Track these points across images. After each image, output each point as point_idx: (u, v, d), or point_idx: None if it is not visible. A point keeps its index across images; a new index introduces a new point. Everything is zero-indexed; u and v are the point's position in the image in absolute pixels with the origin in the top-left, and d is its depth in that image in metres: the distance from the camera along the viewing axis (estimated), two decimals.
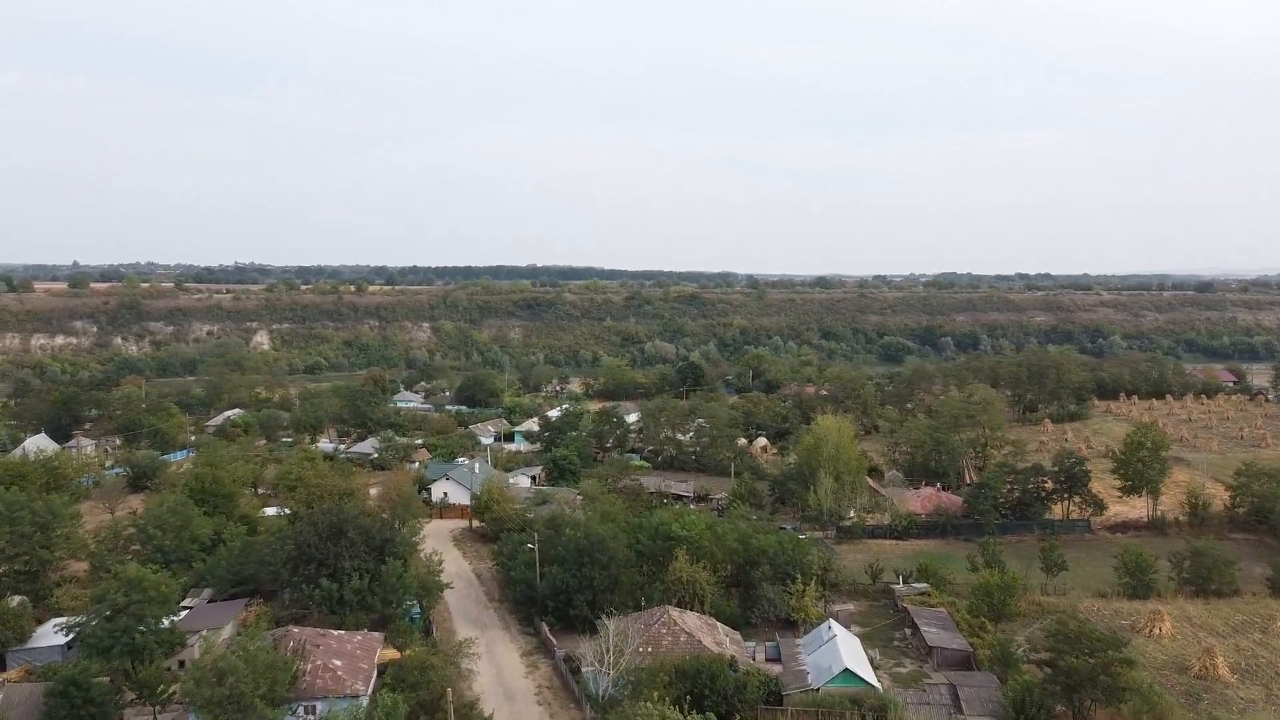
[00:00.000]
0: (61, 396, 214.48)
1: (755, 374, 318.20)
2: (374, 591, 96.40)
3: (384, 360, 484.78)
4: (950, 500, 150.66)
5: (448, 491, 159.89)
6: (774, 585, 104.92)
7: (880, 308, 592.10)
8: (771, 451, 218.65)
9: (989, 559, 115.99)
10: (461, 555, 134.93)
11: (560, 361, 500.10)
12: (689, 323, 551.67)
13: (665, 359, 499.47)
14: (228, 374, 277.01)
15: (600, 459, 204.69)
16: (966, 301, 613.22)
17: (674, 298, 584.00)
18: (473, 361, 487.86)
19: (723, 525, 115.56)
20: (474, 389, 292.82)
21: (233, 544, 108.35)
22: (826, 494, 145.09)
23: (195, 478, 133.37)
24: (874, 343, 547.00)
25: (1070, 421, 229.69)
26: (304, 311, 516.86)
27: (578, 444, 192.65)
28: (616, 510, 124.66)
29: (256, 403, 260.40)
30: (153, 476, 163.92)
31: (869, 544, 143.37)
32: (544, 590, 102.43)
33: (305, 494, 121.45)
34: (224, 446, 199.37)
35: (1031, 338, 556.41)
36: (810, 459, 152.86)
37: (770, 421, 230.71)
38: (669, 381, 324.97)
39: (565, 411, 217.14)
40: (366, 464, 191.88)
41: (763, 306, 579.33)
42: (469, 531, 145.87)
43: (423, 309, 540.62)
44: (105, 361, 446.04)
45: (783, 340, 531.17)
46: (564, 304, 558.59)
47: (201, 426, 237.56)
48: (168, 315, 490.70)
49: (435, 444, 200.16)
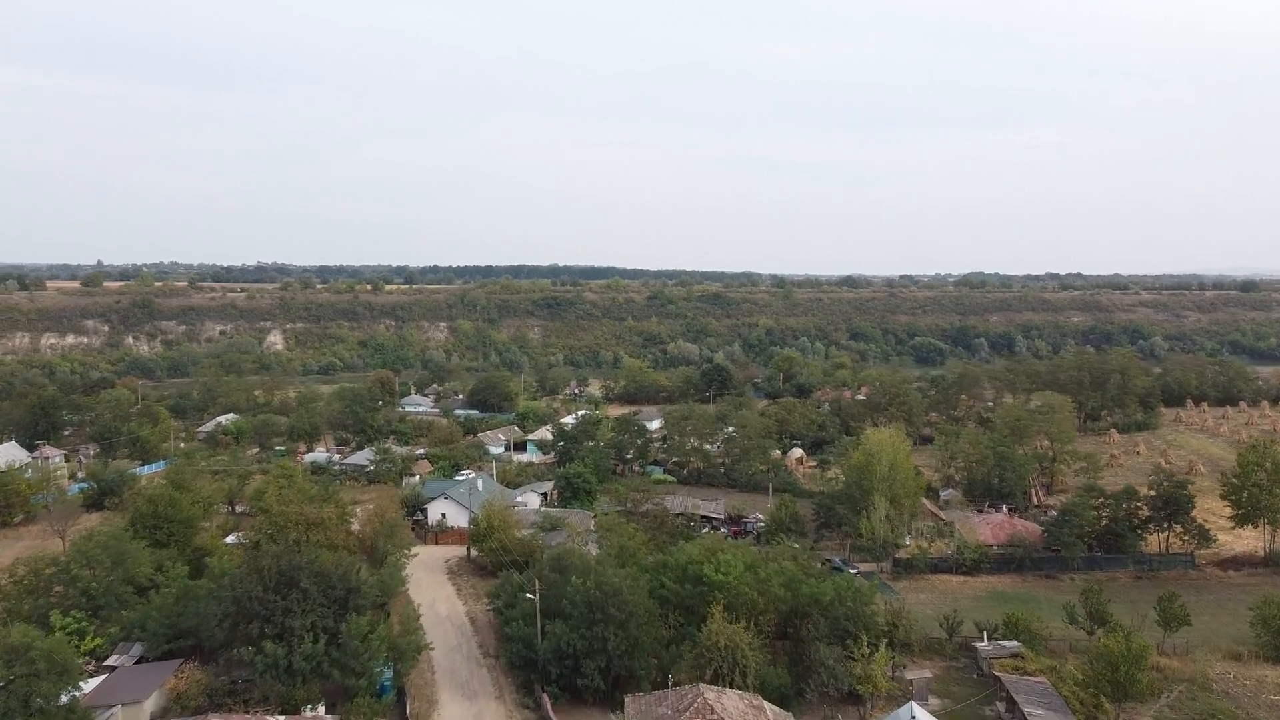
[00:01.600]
0: (38, 400, 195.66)
1: (786, 377, 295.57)
2: (332, 657, 75.63)
3: (400, 361, 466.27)
4: (1026, 529, 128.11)
5: (446, 513, 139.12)
6: (831, 646, 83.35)
7: (910, 307, 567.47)
8: (808, 464, 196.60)
9: (1093, 609, 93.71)
10: (456, 592, 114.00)
11: (580, 362, 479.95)
12: (713, 323, 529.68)
13: (688, 360, 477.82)
14: (223, 376, 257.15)
15: (619, 472, 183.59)
16: (1000, 301, 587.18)
17: (697, 297, 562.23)
18: (490, 362, 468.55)
19: (765, 566, 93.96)
20: (486, 392, 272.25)
21: (167, 589, 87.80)
22: (881, 521, 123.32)
23: (148, 500, 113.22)
24: (905, 343, 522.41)
25: (1138, 432, 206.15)
26: (319, 311, 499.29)
27: (595, 456, 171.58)
28: (636, 544, 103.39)
29: (255, 406, 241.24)
30: (118, 493, 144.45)
31: (932, 580, 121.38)
32: (546, 653, 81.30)
33: (267, 524, 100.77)
34: (207, 455, 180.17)
35: (1069, 338, 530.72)
36: (861, 478, 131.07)
37: (806, 430, 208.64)
38: (693, 385, 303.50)
39: (581, 419, 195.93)
40: (361, 477, 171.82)
41: (789, 306, 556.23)
42: (467, 562, 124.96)
43: (440, 308, 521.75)
44: (115, 361, 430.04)
45: (810, 341, 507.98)
46: (584, 303, 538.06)
47: (192, 433, 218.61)
48: (180, 314, 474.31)
49: (437, 455, 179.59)
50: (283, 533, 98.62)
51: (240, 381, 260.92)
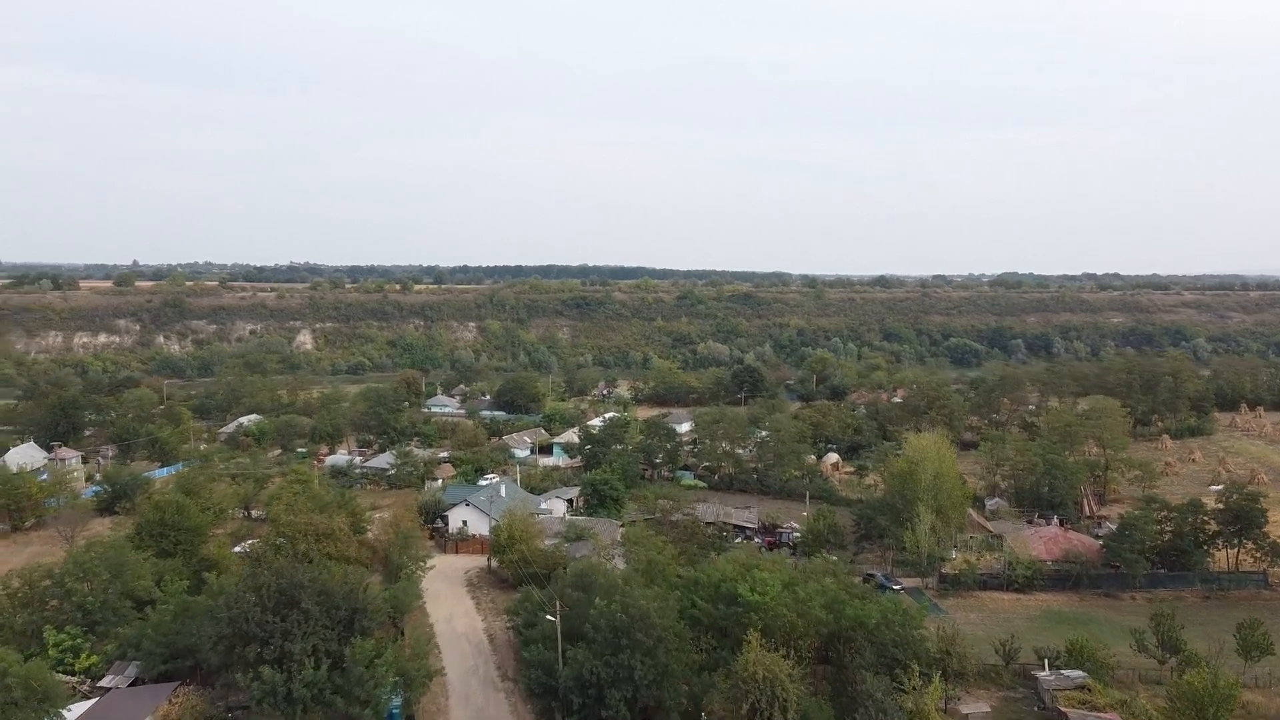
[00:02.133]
0: (58, 400, 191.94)
1: (820, 379, 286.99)
2: (335, 684, 69.24)
3: (428, 360, 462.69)
4: (1083, 543, 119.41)
5: (467, 520, 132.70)
6: (879, 676, 75.76)
7: (945, 307, 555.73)
8: (844, 469, 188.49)
9: (1165, 636, 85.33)
10: (475, 606, 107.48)
11: (609, 362, 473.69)
12: (743, 323, 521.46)
13: (718, 361, 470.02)
14: (247, 376, 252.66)
15: (648, 477, 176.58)
16: (1037, 301, 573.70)
17: (727, 297, 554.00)
18: (519, 362, 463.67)
19: (804, 585, 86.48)
20: (513, 393, 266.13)
21: (164, 606, 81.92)
22: (925, 533, 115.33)
23: (154, 506, 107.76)
24: (939, 344, 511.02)
25: (1192, 437, 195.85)
26: (348, 310, 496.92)
27: (622, 461, 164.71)
28: (666, 559, 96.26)
29: (279, 407, 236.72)
30: (131, 497, 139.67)
31: (982, 598, 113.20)
32: (567, 680, 74.42)
33: (274, 535, 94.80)
34: (227, 457, 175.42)
35: (1108, 340, 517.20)
36: (903, 487, 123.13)
37: (841, 434, 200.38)
38: (724, 386, 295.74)
39: (609, 421, 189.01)
40: (382, 481, 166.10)
41: (821, 306, 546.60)
42: (487, 573, 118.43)
43: (469, 308, 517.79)
44: (146, 360, 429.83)
45: (842, 342, 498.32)
46: (613, 303, 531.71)
47: (215, 434, 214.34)
48: (211, 314, 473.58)
49: (460, 459, 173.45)
50: (291, 544, 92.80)
51: (264, 381, 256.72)
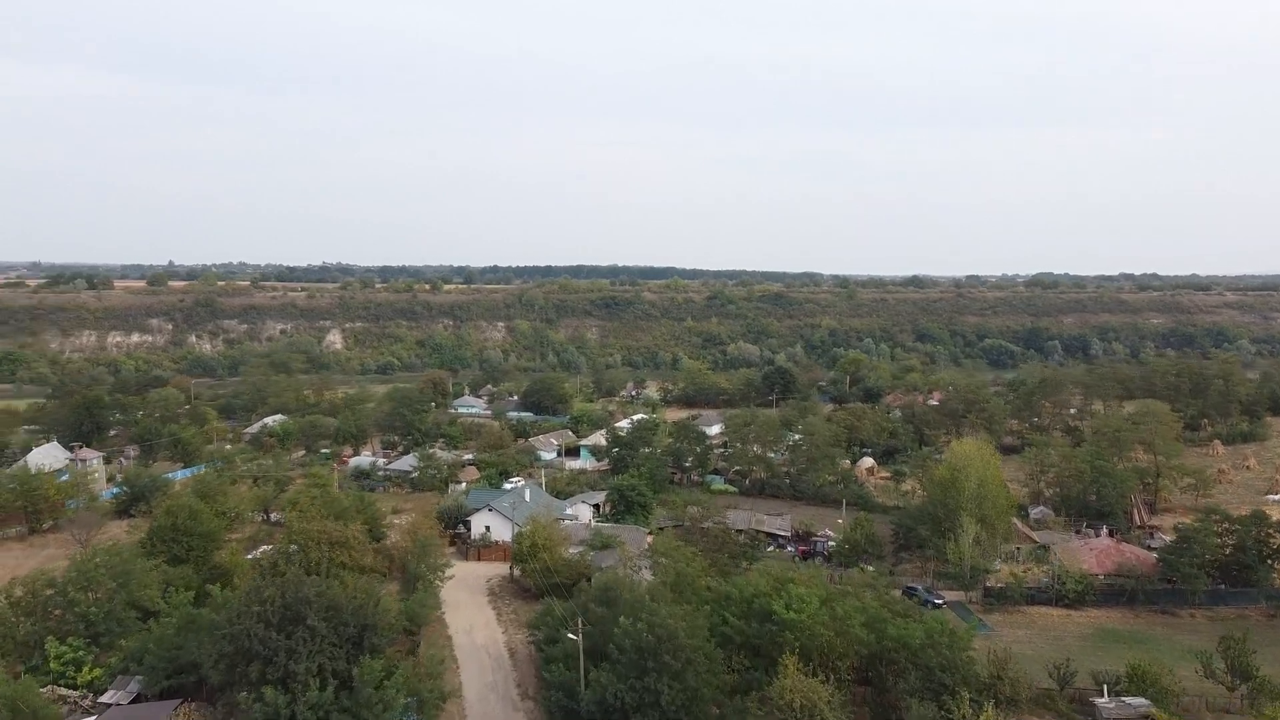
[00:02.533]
0: (83, 400, 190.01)
1: (853, 380, 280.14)
2: (342, 705, 64.68)
3: (457, 360, 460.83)
4: (1137, 556, 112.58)
5: (490, 526, 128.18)
6: (924, 703, 70.07)
7: (979, 308, 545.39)
8: (880, 474, 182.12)
9: (1234, 661, 78.83)
10: (496, 617, 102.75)
11: (638, 363, 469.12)
12: (774, 323, 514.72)
13: (749, 362, 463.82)
14: (273, 375, 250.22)
15: (677, 481, 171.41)
16: (1074, 302, 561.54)
17: (758, 297, 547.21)
18: (548, 362, 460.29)
19: (843, 602, 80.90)
20: (540, 394, 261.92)
21: (168, 619, 77.89)
22: (969, 545, 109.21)
23: (166, 511, 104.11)
24: (974, 345, 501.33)
25: (1244, 443, 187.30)
26: (378, 310, 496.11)
27: (651, 464, 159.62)
28: (695, 571, 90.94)
29: (305, 407, 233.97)
30: (149, 499, 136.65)
31: (1029, 614, 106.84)
32: (589, 704, 69.42)
33: (286, 543, 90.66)
34: (250, 458, 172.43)
35: (1148, 341, 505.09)
36: (945, 496, 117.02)
37: (877, 438, 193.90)
38: (754, 387, 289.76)
39: (637, 423, 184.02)
40: (405, 484, 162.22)
41: (853, 307, 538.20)
42: (510, 582, 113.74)
43: (498, 308, 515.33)
44: (178, 360, 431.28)
45: (875, 342, 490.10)
46: (643, 303, 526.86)
47: (239, 434, 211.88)
48: (242, 313, 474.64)
49: (485, 461, 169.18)
50: (303, 552, 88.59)
51: (290, 381, 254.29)
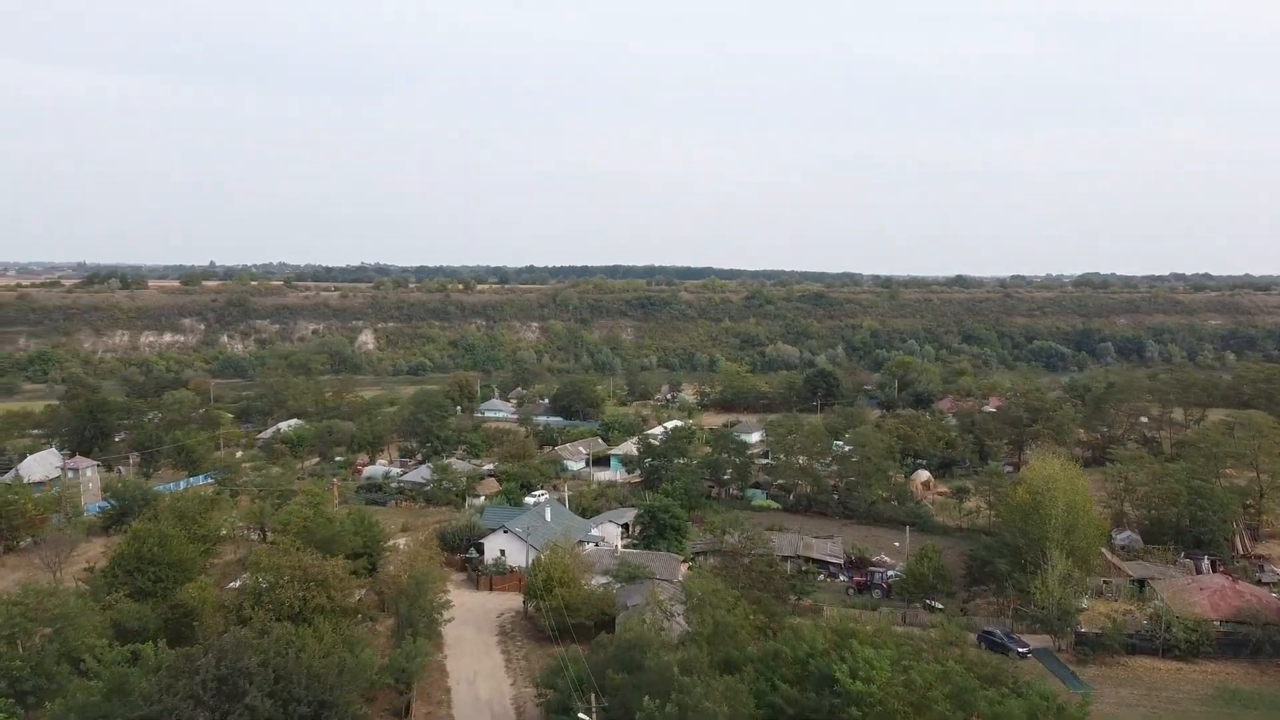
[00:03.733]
0: (86, 404, 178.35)
1: (902, 384, 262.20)
2: None
3: (490, 361, 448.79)
4: (1259, 599, 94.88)
5: (505, 550, 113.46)
6: None
7: (1028, 308, 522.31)
8: (937, 489, 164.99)
9: None
10: (505, 663, 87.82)
11: (674, 364, 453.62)
12: (814, 324, 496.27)
13: (788, 363, 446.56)
14: (292, 378, 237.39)
15: (715, 495, 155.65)
16: (1126, 302, 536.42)
17: (797, 297, 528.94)
18: (582, 364, 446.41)
19: (921, 667, 64.81)
20: (570, 397, 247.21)
21: (94, 683, 63.58)
22: (1057, 582, 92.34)
23: (132, 536, 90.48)
24: (1022, 347, 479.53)
25: None
26: (410, 310, 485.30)
27: (686, 478, 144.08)
28: (737, 621, 75.17)
29: (325, 410, 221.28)
30: (139, 512, 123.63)
31: (1131, 666, 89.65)
32: None
33: (253, 584, 76.21)
34: (261, 466, 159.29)
35: (1206, 343, 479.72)
36: (1026, 523, 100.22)
37: (932, 448, 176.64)
38: (796, 391, 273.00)
39: (671, 432, 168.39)
40: (419, 497, 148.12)
41: (895, 307, 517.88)
42: (523, 619, 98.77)
43: (532, 308, 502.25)
44: (210, 360, 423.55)
45: (918, 344, 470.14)
46: (679, 303, 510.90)
47: (253, 440, 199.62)
48: (274, 313, 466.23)
49: (506, 473, 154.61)
50: (273, 592, 74.26)
51: (308, 383, 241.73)
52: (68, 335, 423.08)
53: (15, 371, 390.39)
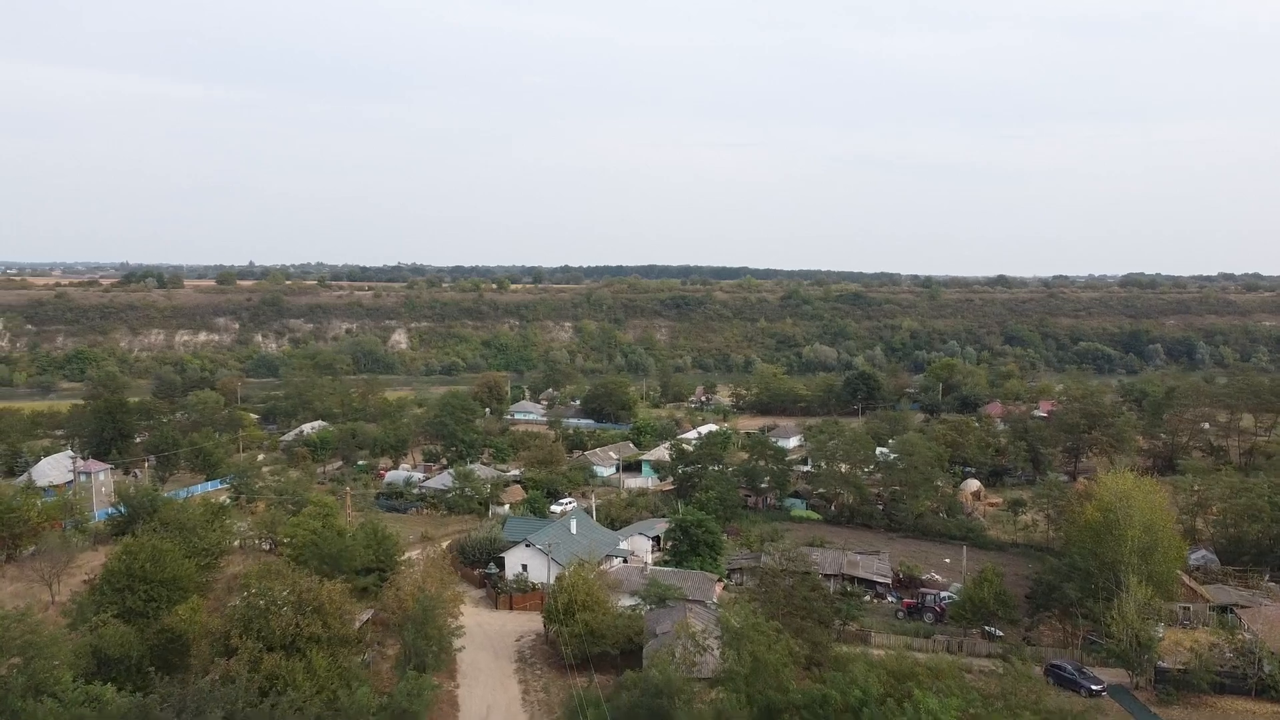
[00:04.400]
0: (105, 405, 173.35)
1: (946, 388, 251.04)
2: None
3: (522, 361, 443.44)
4: None
5: (527, 565, 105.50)
6: None
7: (1073, 309, 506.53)
8: (988, 500, 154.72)
9: None
10: (521, 695, 79.66)
11: (708, 365, 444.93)
12: (851, 324, 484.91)
13: (825, 365, 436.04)
14: (316, 378, 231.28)
15: (752, 505, 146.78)
16: (1175, 303, 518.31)
17: (835, 297, 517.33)
18: (615, 364, 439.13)
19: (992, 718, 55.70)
20: (602, 400, 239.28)
21: None
22: (1135, 612, 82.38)
23: (123, 551, 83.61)
24: (1067, 349, 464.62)
25: None
26: (443, 309, 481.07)
27: (720, 487, 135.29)
28: (779, 659, 66.39)
29: (351, 411, 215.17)
30: (147, 519, 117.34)
31: (1221, 708, 79.39)
32: None
33: (243, 609, 68.59)
34: (279, 470, 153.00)
35: (1261, 345, 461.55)
36: (1099, 545, 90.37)
37: (982, 456, 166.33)
38: (835, 394, 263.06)
39: (706, 437, 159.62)
40: (441, 505, 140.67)
41: (935, 307, 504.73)
42: (544, 644, 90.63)
43: (565, 308, 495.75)
44: (244, 359, 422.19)
45: (959, 345, 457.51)
46: (714, 303, 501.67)
47: (275, 442, 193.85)
48: (308, 312, 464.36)
49: (532, 479, 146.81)
50: (264, 617, 66.77)
51: (334, 384, 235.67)
52: (104, 334, 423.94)
53: (53, 370, 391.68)
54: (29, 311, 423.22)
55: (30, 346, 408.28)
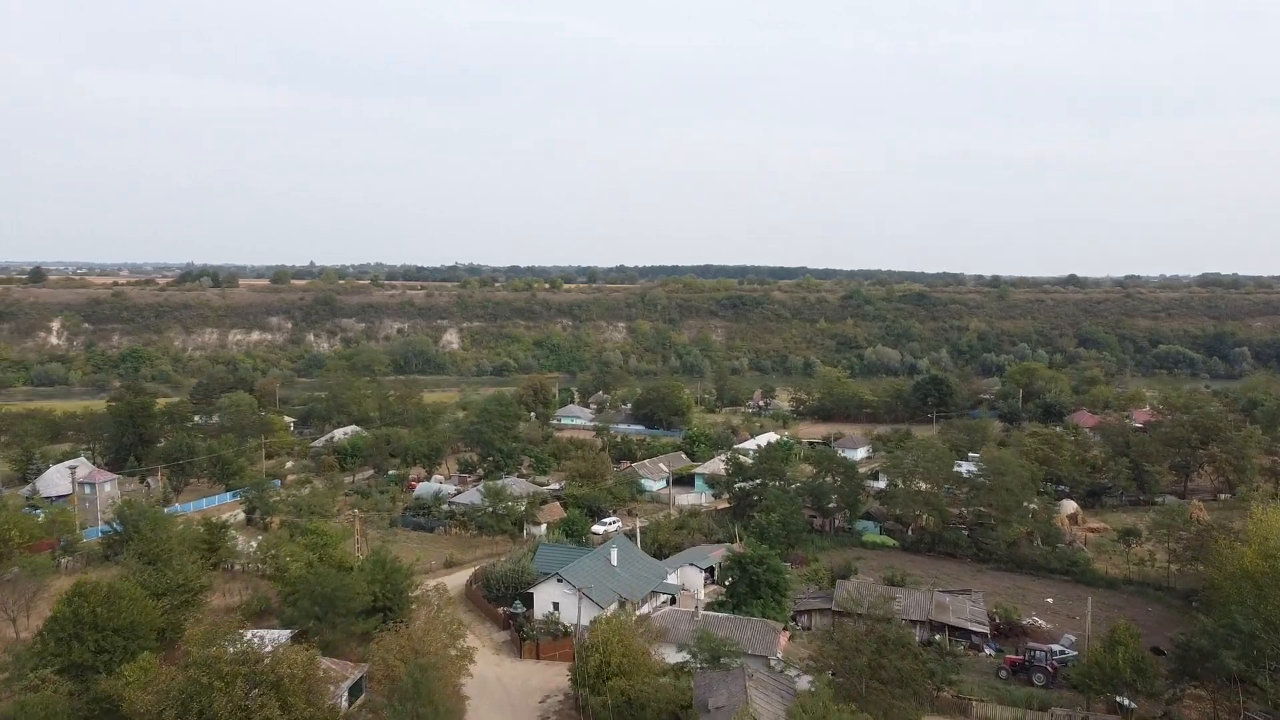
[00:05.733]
0: (126, 408, 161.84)
1: (1027, 393, 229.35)
2: None
3: (575, 362, 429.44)
4: None
5: (558, 603, 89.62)
6: None
7: (1151, 310, 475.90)
8: (1087, 525, 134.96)
9: None
10: None
11: (766, 367, 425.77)
12: (915, 325, 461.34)
13: (889, 367, 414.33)
14: (353, 380, 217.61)
15: (818, 528, 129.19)
16: (1263, 304, 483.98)
17: (898, 297, 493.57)
18: (669, 365, 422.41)
19: None
20: (653, 404, 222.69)
21: None
22: None
23: (72, 593, 69.68)
24: (1145, 352, 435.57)
25: None
26: (495, 309, 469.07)
27: (783, 508, 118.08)
28: None
29: (390, 415, 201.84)
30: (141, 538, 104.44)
31: None
32: None
33: (184, 683, 53.85)
34: (302, 481, 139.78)
35: None
36: (1260, 599, 71.45)
37: (1078, 474, 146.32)
38: (903, 400, 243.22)
39: (766, 449, 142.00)
40: (472, 522, 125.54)
41: (1004, 308, 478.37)
42: (571, 710, 74.46)
43: (619, 307, 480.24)
44: (295, 358, 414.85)
45: (1030, 347, 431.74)
46: (772, 303, 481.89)
47: (306, 448, 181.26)
48: (360, 311, 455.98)
49: (573, 496, 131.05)
50: (205, 697, 51.85)
51: (371, 386, 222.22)
52: (159, 333, 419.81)
53: (108, 369, 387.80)
54: (86, 310, 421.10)
55: (86, 345, 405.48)
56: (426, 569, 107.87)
